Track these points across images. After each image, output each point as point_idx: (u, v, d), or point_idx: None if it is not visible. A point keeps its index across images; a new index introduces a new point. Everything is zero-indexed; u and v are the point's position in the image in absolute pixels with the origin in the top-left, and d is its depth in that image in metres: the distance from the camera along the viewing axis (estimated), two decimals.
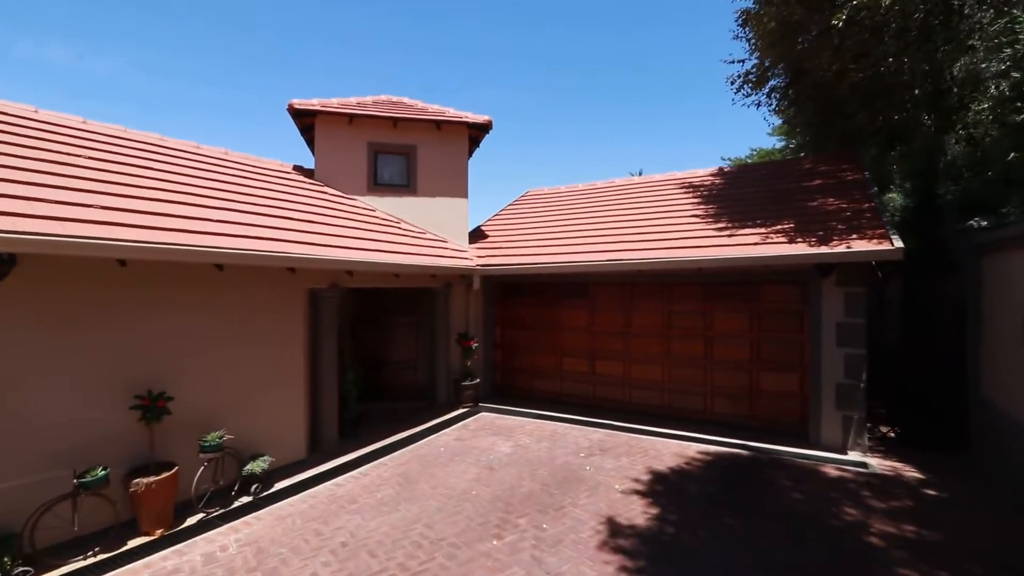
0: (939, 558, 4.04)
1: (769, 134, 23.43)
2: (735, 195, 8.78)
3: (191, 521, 4.75)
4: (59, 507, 4.06)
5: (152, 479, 4.47)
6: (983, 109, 6.62)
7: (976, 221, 6.29)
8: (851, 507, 4.96)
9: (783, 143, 21.15)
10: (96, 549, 4.14)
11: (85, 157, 5.45)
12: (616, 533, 4.40)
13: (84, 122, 6.47)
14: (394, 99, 9.96)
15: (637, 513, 4.81)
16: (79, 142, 5.78)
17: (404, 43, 66.74)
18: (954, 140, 8.55)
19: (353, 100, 9.35)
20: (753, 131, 40.60)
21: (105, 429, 4.48)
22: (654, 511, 4.85)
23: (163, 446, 4.76)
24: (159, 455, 4.71)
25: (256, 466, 5.32)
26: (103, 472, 4.23)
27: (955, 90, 7.62)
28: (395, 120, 9.02)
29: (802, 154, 13.20)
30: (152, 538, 4.44)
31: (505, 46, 58.01)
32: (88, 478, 4.14)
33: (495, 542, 4.30)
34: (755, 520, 4.68)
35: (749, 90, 8.96)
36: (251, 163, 8.10)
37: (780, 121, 18.23)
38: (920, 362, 7.70)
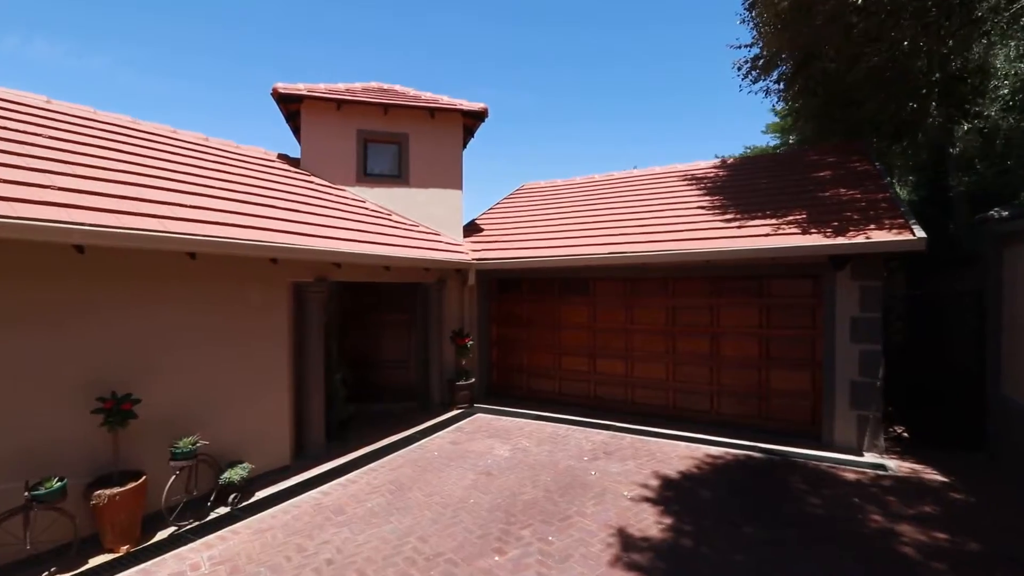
0: (981, 569, 3.72)
1: (763, 132, 23.22)
2: (741, 186, 8.47)
3: (161, 536, 4.31)
4: (9, 523, 3.59)
5: (116, 490, 4.03)
6: (1003, 95, 6.36)
7: (997, 211, 6.00)
8: (876, 513, 4.64)
9: (778, 140, 20.96)
10: (52, 569, 3.70)
11: (46, 137, 4.99)
12: (629, 546, 4.03)
13: (48, 101, 6.00)
14: (385, 86, 9.53)
15: (650, 523, 4.45)
16: (41, 121, 5.31)
17: (401, 43, 66.02)
18: (965, 129, 8.31)
19: (342, 86, 8.91)
20: (747, 130, 40.50)
21: (63, 435, 4.02)
22: (667, 520, 4.49)
23: (129, 453, 4.31)
24: (125, 463, 4.26)
25: (234, 474, 4.88)
26: (59, 484, 3.78)
27: (968, 77, 7.36)
28: (386, 107, 8.59)
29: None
30: (116, 555, 4.00)
31: (499, 47, 57.51)
32: (42, 490, 3.69)
33: (497, 557, 3.91)
34: (776, 529, 4.33)
35: (756, 76, 8.63)
36: (231, 150, 7.64)
37: (779, 117, 18.10)
38: (932, 359, 7.43)
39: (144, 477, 4.26)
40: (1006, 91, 6.29)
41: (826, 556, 3.91)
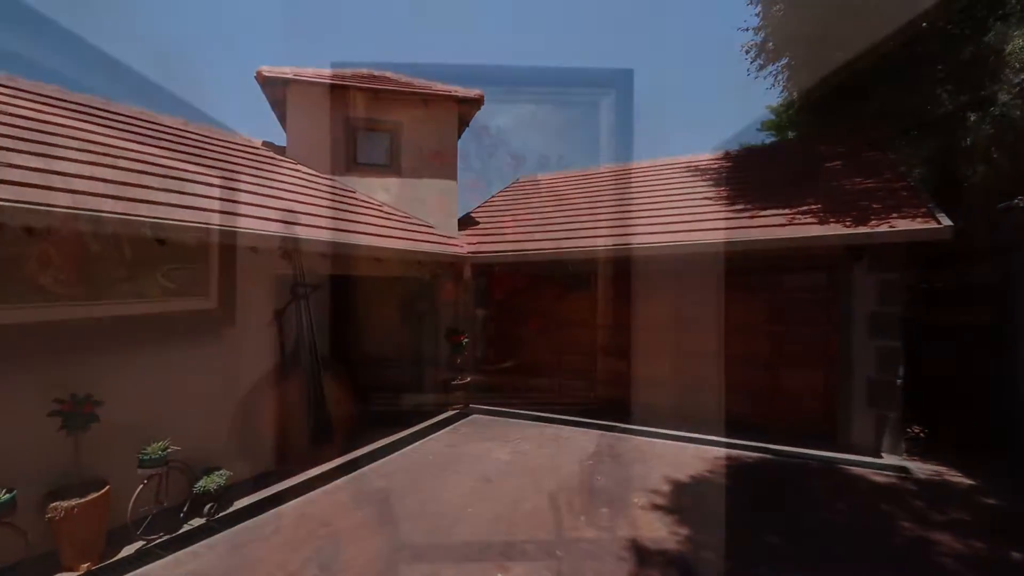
0: None
1: (759, 130, 22.96)
2: (749, 177, 8.14)
3: (127, 552, 3.88)
4: None
5: (75, 502, 3.61)
6: (1022, 81, 6.09)
7: (1021, 199, 5.71)
8: (906, 520, 4.32)
9: (775, 138, 20.68)
10: None
11: (5, 115, 4.55)
12: (645, 561, 3.67)
13: (11, 78, 5.54)
14: (376, 73, 9.10)
15: (665, 534, 4.09)
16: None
17: (399, 43, 65.39)
18: (972, 119, 8.03)
19: (331, 71, 8.48)
20: (742, 129, 40.33)
21: (13, 441, 3.59)
22: (684, 531, 4.13)
23: (92, 460, 3.88)
24: (86, 472, 3.84)
25: (210, 482, 4.46)
26: (7, 496, 3.36)
27: (984, 61, 7.06)
28: (377, 92, 8.18)
29: None
30: (76, 574, 3.59)
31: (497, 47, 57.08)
32: None
33: (500, 575, 3.54)
34: (802, 539, 4.00)
35: (764, 61, 8.31)
36: (213, 136, 7.19)
37: (776, 114, 17.82)
38: (947, 356, 7.15)
39: (108, 487, 3.84)
40: None
41: (859, 568, 3.57)
